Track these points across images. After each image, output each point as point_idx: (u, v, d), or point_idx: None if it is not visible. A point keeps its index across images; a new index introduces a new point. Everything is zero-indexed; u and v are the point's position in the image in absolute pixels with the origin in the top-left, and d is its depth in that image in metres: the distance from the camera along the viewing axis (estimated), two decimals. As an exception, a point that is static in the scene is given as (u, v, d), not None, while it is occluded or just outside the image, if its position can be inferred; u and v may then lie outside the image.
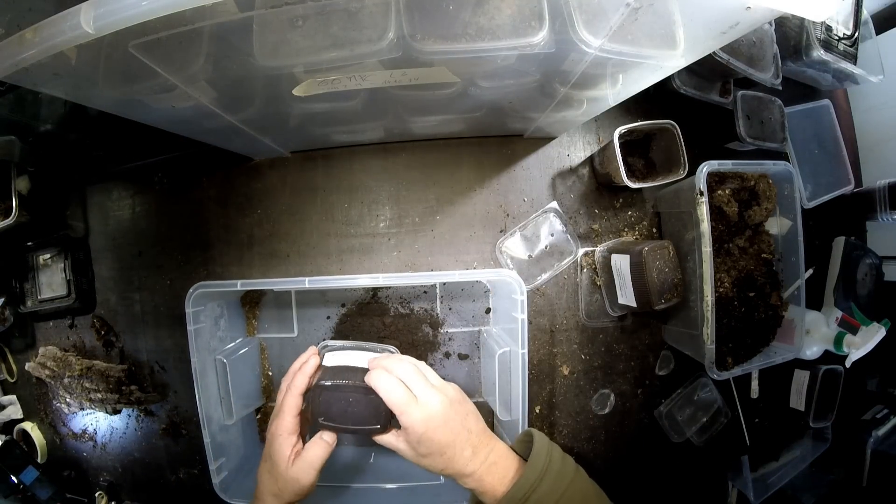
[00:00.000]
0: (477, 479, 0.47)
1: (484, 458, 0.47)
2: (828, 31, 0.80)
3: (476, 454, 0.47)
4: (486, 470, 0.47)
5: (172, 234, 0.76)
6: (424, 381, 0.48)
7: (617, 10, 0.33)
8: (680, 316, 0.70)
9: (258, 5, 0.32)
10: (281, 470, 0.48)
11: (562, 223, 0.74)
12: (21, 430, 0.81)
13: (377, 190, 0.74)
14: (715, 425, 0.79)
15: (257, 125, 0.58)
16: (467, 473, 0.47)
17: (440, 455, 0.46)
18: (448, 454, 0.46)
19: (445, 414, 0.47)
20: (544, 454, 0.47)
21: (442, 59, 0.41)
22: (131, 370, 0.77)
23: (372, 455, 0.72)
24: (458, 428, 0.47)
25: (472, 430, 0.48)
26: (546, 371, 0.74)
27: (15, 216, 0.67)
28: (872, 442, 0.82)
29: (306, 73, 0.42)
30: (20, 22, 0.57)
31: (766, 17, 0.32)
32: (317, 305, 0.73)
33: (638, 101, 0.74)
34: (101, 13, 0.29)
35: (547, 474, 0.45)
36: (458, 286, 0.72)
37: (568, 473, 0.47)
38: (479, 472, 0.47)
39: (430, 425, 0.46)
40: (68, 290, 0.75)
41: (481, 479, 0.47)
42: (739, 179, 0.70)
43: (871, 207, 0.85)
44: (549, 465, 0.46)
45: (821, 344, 0.75)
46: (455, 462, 0.47)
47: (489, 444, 0.49)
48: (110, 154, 0.76)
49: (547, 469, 0.46)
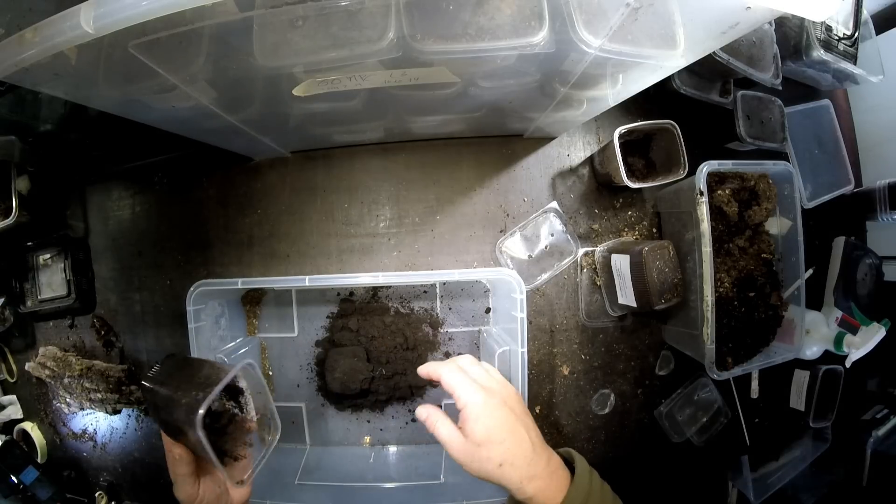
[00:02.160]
0: (537, 487, 0.42)
1: (546, 463, 0.43)
2: (828, 31, 0.80)
3: (538, 456, 0.44)
4: (548, 476, 0.43)
5: (172, 234, 0.76)
6: (487, 372, 0.48)
7: (617, 10, 0.33)
8: (680, 316, 0.70)
9: (258, 5, 0.32)
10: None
11: (562, 223, 0.74)
12: (21, 430, 0.81)
13: (377, 190, 0.74)
14: (715, 425, 0.79)
15: (257, 125, 0.58)
16: (529, 475, 0.42)
17: (499, 444, 0.42)
18: (507, 444, 0.42)
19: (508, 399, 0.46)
20: (587, 475, 0.45)
21: (442, 59, 0.41)
22: (131, 370, 0.77)
23: (372, 455, 0.72)
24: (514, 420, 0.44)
25: (531, 428, 0.45)
26: (546, 371, 0.74)
27: (15, 216, 0.67)
28: (872, 442, 0.82)
29: (306, 73, 0.42)
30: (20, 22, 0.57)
31: (766, 17, 0.32)
32: (317, 305, 0.73)
33: (638, 101, 0.74)
34: (101, 13, 0.29)
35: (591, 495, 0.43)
36: (458, 286, 0.72)
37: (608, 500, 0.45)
38: (542, 478, 0.43)
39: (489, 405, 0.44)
40: (68, 290, 0.75)
41: (544, 487, 0.42)
42: (739, 179, 0.70)
43: (870, 207, 0.85)
44: (592, 486, 0.44)
45: (821, 344, 0.75)
46: (512, 456, 0.42)
47: (547, 449, 0.46)
48: (110, 154, 0.76)
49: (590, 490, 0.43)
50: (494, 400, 0.45)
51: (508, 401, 0.46)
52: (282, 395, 0.74)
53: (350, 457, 0.73)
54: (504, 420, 0.44)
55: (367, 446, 0.74)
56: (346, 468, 0.71)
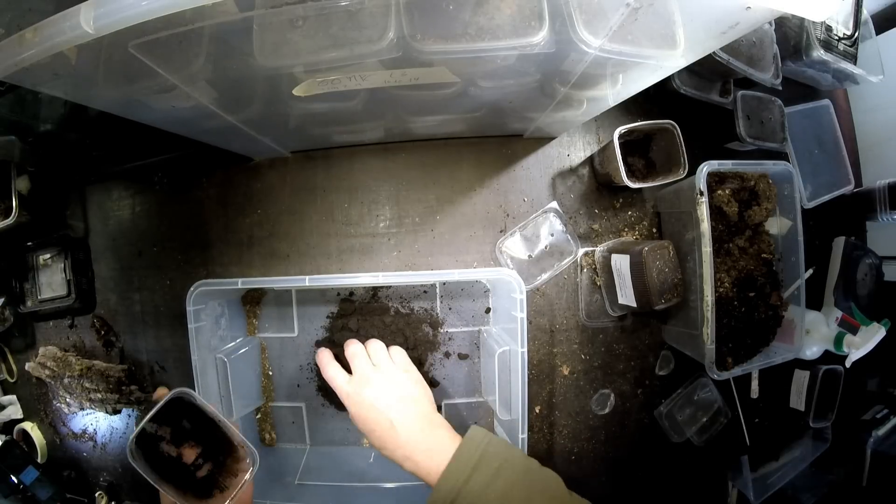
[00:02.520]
0: (414, 465, 0.47)
1: (426, 445, 0.48)
2: (828, 31, 0.80)
3: (411, 440, 0.48)
4: (427, 454, 0.47)
5: (172, 234, 0.76)
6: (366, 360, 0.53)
7: (617, 10, 0.33)
8: (680, 316, 0.70)
9: (258, 5, 0.32)
10: None
11: (562, 223, 0.74)
12: (21, 430, 0.81)
13: (377, 190, 0.74)
14: (715, 425, 0.79)
15: (257, 125, 0.58)
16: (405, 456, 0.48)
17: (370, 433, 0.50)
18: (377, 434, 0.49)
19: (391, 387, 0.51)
20: (474, 447, 0.46)
21: (442, 59, 0.41)
22: (131, 370, 0.77)
23: (372, 455, 0.72)
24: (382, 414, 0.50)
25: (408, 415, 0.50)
26: (546, 371, 0.74)
27: (15, 216, 0.67)
28: (872, 442, 0.82)
29: (306, 73, 0.42)
30: (20, 22, 0.57)
31: (766, 17, 0.32)
32: (317, 305, 0.73)
33: (638, 101, 0.74)
34: (101, 13, 0.29)
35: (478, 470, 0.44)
36: (458, 286, 0.72)
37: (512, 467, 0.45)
38: (417, 457, 0.46)
39: (354, 405, 0.51)
40: (68, 290, 0.75)
41: (421, 463, 0.47)
42: (739, 179, 0.70)
43: (871, 207, 0.85)
44: (481, 459, 0.45)
45: (821, 344, 0.75)
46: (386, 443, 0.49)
47: (435, 430, 0.49)
48: (110, 154, 0.76)
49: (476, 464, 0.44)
50: (360, 395, 0.51)
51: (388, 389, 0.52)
52: (282, 395, 0.74)
53: (350, 457, 0.73)
54: (367, 415, 0.51)
55: (367, 446, 0.74)
56: (346, 468, 0.71)
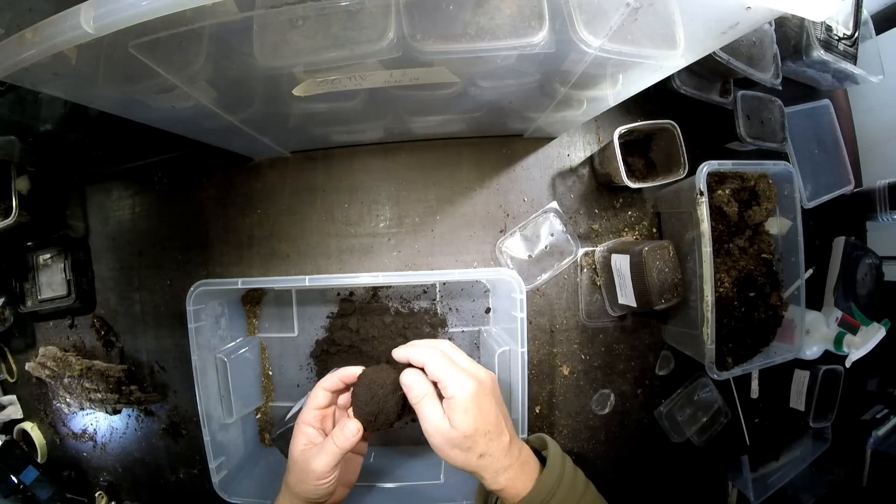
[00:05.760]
0: (509, 477, 0.43)
1: (518, 453, 0.44)
2: (828, 31, 0.80)
3: (513, 446, 0.44)
4: (519, 466, 0.44)
5: (172, 234, 0.76)
6: (468, 359, 0.46)
7: (617, 10, 0.33)
8: (680, 316, 0.70)
9: (258, 5, 0.32)
10: (293, 456, 0.47)
11: (562, 223, 0.74)
12: (21, 430, 0.81)
13: (377, 190, 0.74)
14: (715, 425, 0.79)
15: (257, 125, 0.58)
16: (504, 466, 0.43)
17: (484, 435, 0.42)
18: (490, 436, 0.42)
19: (493, 389, 0.45)
20: (559, 462, 0.45)
21: (442, 59, 0.41)
22: (131, 370, 0.77)
23: (372, 455, 0.72)
24: (497, 411, 0.44)
25: (507, 418, 0.45)
26: (546, 371, 0.74)
27: (15, 216, 0.67)
28: (872, 442, 0.82)
29: (306, 73, 0.42)
30: (20, 22, 0.57)
31: (766, 17, 0.32)
32: (317, 305, 0.73)
33: (638, 101, 0.73)
34: (101, 13, 0.29)
35: (562, 482, 0.43)
36: (458, 286, 0.72)
37: (580, 485, 0.45)
38: (514, 468, 0.43)
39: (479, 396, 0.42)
40: (68, 290, 0.75)
41: (514, 477, 0.43)
42: (739, 179, 0.70)
43: (870, 207, 0.85)
44: (564, 473, 0.44)
45: (821, 344, 0.75)
46: (493, 448, 0.42)
47: (518, 440, 0.46)
48: (110, 154, 0.76)
49: (562, 477, 0.44)
50: (483, 390, 0.44)
51: (494, 390, 0.46)
52: (282, 395, 0.74)
53: (350, 457, 0.73)
54: (490, 412, 0.43)
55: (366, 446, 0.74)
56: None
